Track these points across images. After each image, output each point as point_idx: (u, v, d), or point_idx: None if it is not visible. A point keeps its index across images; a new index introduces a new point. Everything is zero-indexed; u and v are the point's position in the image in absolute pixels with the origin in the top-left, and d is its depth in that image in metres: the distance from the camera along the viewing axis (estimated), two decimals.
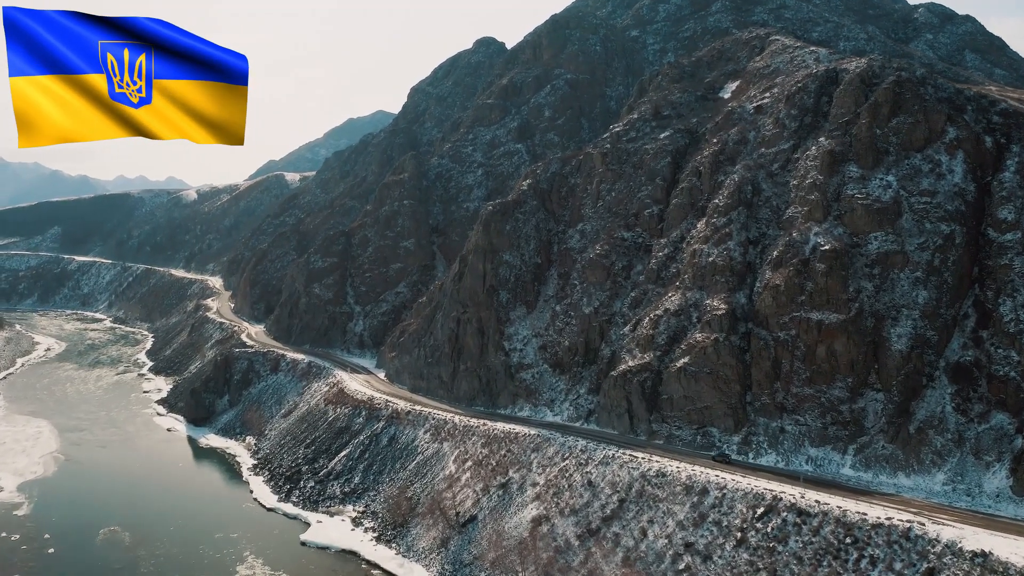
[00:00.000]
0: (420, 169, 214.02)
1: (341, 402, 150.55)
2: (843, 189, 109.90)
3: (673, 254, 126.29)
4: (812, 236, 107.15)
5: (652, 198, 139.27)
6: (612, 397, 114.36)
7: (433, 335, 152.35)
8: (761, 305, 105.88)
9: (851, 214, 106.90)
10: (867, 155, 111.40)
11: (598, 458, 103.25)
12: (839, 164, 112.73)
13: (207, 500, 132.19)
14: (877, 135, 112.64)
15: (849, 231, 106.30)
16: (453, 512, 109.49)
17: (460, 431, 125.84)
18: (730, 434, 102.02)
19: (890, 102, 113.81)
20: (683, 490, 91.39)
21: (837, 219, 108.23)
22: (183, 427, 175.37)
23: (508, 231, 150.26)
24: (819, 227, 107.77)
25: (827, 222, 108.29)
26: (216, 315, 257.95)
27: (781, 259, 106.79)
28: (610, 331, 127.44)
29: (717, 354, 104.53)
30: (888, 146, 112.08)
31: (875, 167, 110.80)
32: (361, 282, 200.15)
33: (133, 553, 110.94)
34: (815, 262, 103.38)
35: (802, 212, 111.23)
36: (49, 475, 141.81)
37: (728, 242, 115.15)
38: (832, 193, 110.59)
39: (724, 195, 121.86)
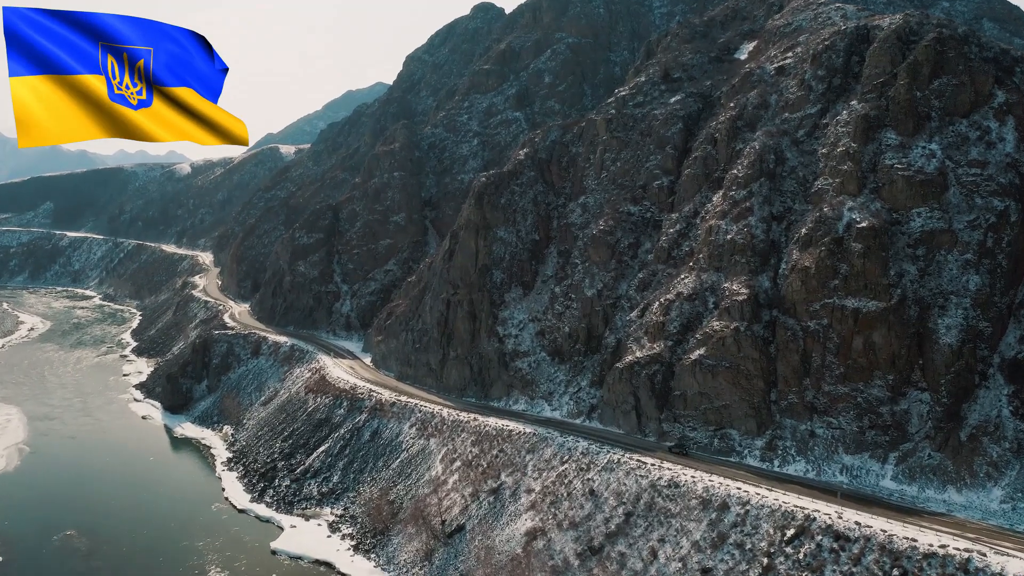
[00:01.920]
0: (412, 139, 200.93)
1: (322, 391, 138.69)
2: (880, 159, 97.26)
3: (686, 231, 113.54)
4: (846, 211, 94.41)
5: (662, 168, 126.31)
6: (617, 392, 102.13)
7: (421, 318, 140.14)
8: (788, 290, 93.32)
9: (890, 187, 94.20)
10: (906, 120, 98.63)
11: (601, 463, 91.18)
12: (875, 130, 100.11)
13: (175, 499, 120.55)
14: (917, 98, 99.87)
15: (888, 206, 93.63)
16: (439, 520, 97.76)
17: (448, 426, 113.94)
18: (752, 437, 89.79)
19: (931, 62, 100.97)
20: (699, 504, 79.32)
21: (874, 192, 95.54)
22: (159, 414, 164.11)
23: (503, 205, 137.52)
24: (853, 201, 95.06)
25: (863, 196, 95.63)
26: (202, 293, 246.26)
27: (810, 237, 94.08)
28: (615, 316, 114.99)
29: (738, 345, 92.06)
30: (930, 110, 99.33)
31: (916, 134, 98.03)
32: (349, 259, 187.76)
33: (87, 563, 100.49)
34: (850, 241, 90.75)
35: (833, 184, 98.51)
36: (10, 470, 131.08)
37: (749, 217, 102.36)
38: (867, 163, 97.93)
39: (743, 165, 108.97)
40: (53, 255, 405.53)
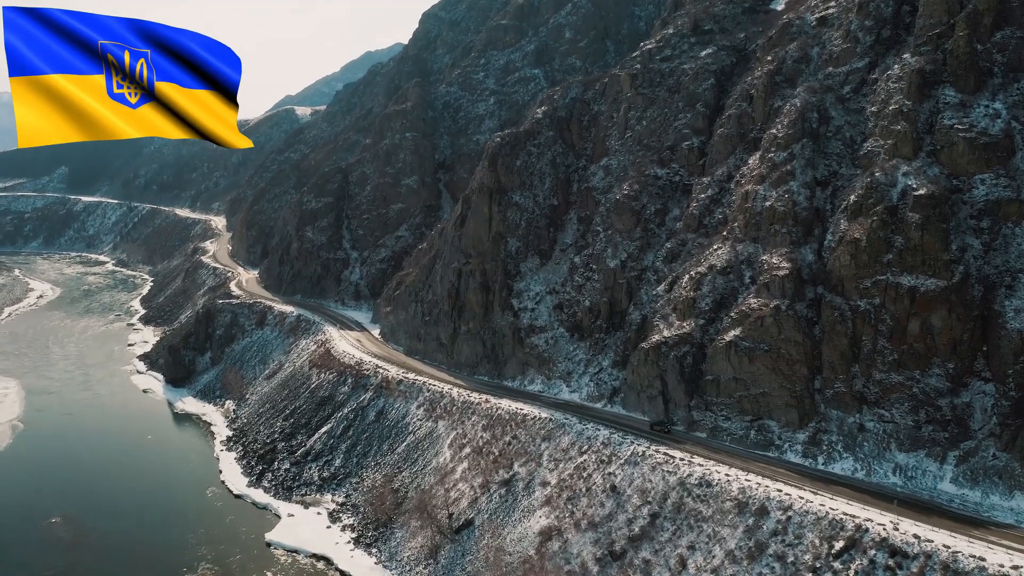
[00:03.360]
0: (425, 98, 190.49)
1: (326, 366, 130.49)
2: (938, 118, 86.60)
3: (718, 196, 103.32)
4: (900, 177, 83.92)
5: (691, 128, 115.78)
6: (642, 374, 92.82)
7: (431, 289, 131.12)
8: (835, 264, 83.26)
9: (950, 150, 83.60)
10: (966, 76, 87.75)
11: (624, 455, 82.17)
12: (931, 87, 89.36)
13: (170, 483, 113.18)
14: (978, 51, 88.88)
15: (948, 171, 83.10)
16: (445, 514, 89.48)
17: (459, 408, 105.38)
18: (793, 430, 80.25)
19: (992, 11, 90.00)
20: (734, 507, 70.24)
21: (931, 156, 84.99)
22: (161, 388, 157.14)
23: (519, 167, 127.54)
24: (908, 166, 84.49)
25: (919, 159, 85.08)
26: (211, 259, 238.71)
27: (860, 206, 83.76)
28: (640, 290, 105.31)
29: (778, 326, 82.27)
30: (992, 65, 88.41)
31: (977, 91, 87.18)
32: (358, 225, 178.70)
33: (68, 555, 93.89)
34: (906, 211, 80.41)
35: (885, 146, 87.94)
36: (1, 449, 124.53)
37: (790, 182, 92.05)
38: (923, 123, 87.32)
39: (783, 124, 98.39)
40: (67, 220, 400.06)
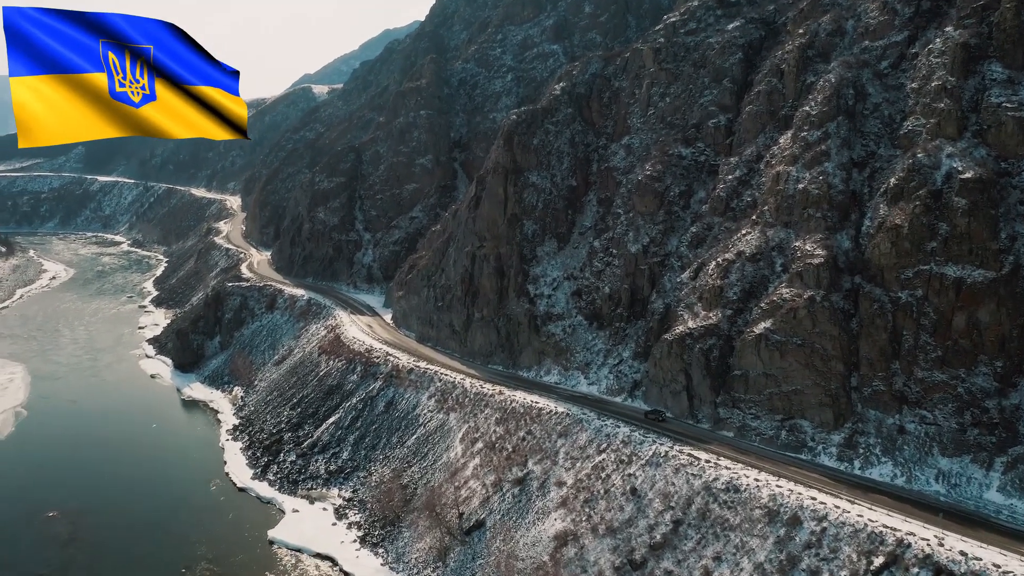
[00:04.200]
0: (441, 75, 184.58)
1: (335, 353, 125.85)
2: (984, 96, 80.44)
3: (747, 177, 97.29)
4: (944, 159, 77.69)
5: (718, 105, 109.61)
6: (665, 368, 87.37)
7: (444, 273, 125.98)
8: (874, 253, 77.30)
9: (998, 130, 77.46)
10: (1014, 51, 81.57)
11: (645, 455, 76.92)
12: (976, 62, 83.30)
13: (173, 475, 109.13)
14: None
15: (995, 153, 76.96)
16: (455, 513, 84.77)
17: (471, 400, 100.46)
18: (827, 431, 74.61)
19: None
20: (764, 516, 64.92)
21: (978, 136, 78.76)
22: (169, 373, 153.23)
23: (536, 146, 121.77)
24: (953, 147, 78.24)
25: (964, 140, 78.90)
26: (224, 240, 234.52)
27: (902, 189, 77.63)
28: (663, 277, 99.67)
29: (812, 319, 76.49)
30: None
31: None
32: (371, 205, 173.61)
33: (65, 551, 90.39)
34: (951, 195, 74.29)
35: (927, 125, 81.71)
36: (2, 437, 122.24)
37: (824, 163, 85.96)
38: (968, 101, 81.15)
39: (817, 101, 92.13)
40: (84, 200, 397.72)
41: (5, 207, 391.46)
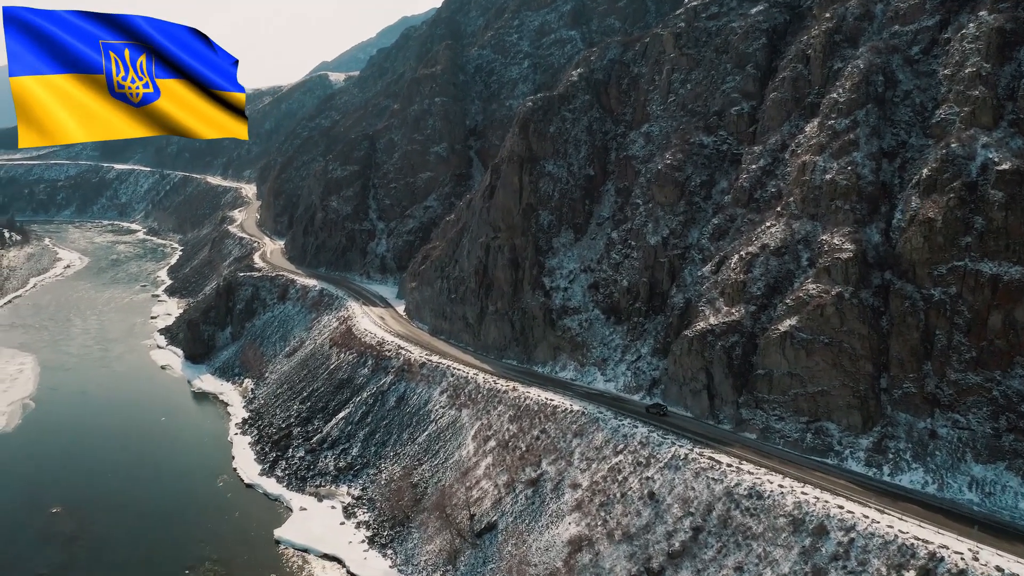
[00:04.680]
0: (456, 61, 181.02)
1: (346, 345, 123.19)
2: (1021, 83, 76.76)
3: (771, 167, 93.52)
4: (979, 149, 73.92)
5: (741, 91, 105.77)
6: (685, 365, 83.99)
7: (458, 264, 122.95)
8: (905, 247, 73.57)
9: None
10: None
11: (664, 458, 73.72)
12: (1012, 48, 79.86)
13: (180, 470, 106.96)
14: None
15: None
16: (467, 515, 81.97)
17: (484, 396, 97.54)
18: (855, 434, 71.04)
19: None
20: (789, 524, 61.64)
21: (1014, 126, 75.12)
22: (180, 364, 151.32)
23: (552, 134, 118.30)
24: (988, 136, 74.48)
25: (999, 129, 75.26)
26: (238, 229, 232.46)
27: (935, 181, 73.82)
28: (684, 270, 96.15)
29: (840, 316, 72.88)
30: None
31: None
32: (385, 194, 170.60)
33: (67, 549, 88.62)
34: (987, 187, 70.51)
35: (961, 114, 77.89)
36: (9, 430, 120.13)
37: (853, 153, 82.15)
38: (1004, 88, 77.62)
39: (845, 88, 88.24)
40: (100, 188, 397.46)
41: (22, 195, 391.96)
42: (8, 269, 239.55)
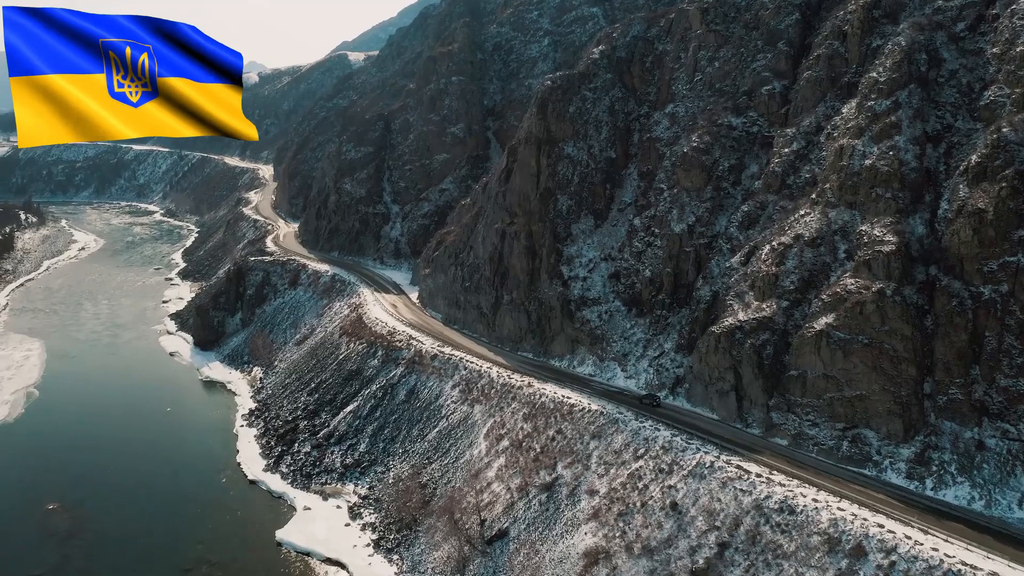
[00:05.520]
0: (474, 39, 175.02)
1: (357, 334, 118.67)
2: None
3: (805, 151, 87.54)
4: None
5: (772, 70, 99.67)
6: (712, 363, 78.56)
7: (473, 251, 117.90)
8: (953, 241, 67.70)
9: None
10: None
11: (688, 465, 68.59)
12: None
13: (182, 464, 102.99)
14: None
15: None
16: (477, 520, 77.34)
17: (497, 391, 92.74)
18: (896, 443, 65.44)
19: None
20: (823, 543, 56.40)
21: None
22: (188, 351, 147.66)
23: (572, 114, 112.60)
24: None
25: None
26: (253, 211, 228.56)
27: (984, 168, 67.83)
28: (711, 261, 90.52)
29: (881, 315, 67.18)
30: None
31: None
32: (400, 177, 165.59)
33: (62, 548, 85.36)
34: None
35: (1012, 96, 71.94)
36: (11, 420, 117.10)
37: (895, 136, 76.08)
38: None
39: (885, 66, 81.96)
40: (118, 169, 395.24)
41: (40, 176, 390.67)
42: (22, 251, 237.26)
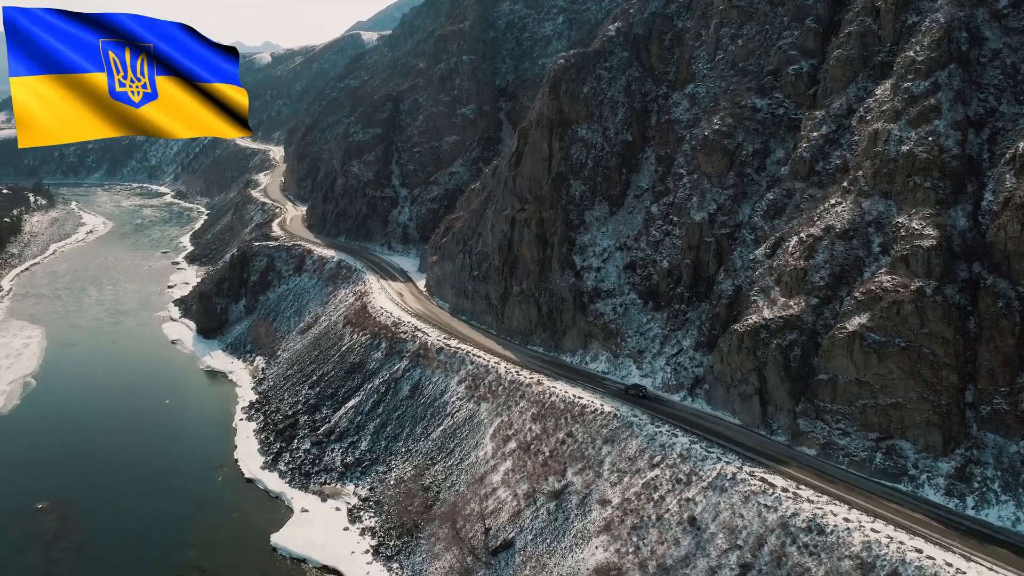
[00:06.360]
0: (486, 17, 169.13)
1: (360, 325, 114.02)
2: None
3: (835, 136, 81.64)
4: None
5: (800, 48, 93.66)
6: (734, 364, 73.22)
7: (481, 238, 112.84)
8: (999, 236, 61.99)
9: None
10: None
11: (708, 476, 63.53)
12: None
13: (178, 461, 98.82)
14: None
15: None
16: (481, 528, 72.71)
17: (505, 389, 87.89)
18: (934, 457, 59.98)
19: None
20: (855, 568, 51.33)
21: None
22: (191, 339, 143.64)
23: (586, 95, 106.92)
24: None
25: None
26: (261, 194, 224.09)
27: None
28: (733, 252, 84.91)
29: (920, 316, 61.62)
30: None
31: None
32: (409, 159, 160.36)
33: (49, 551, 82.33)
34: None
35: None
36: (5, 412, 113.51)
37: (934, 120, 70.19)
38: None
39: (923, 45, 75.92)
40: (130, 150, 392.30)
41: (52, 158, 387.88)
42: (30, 235, 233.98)
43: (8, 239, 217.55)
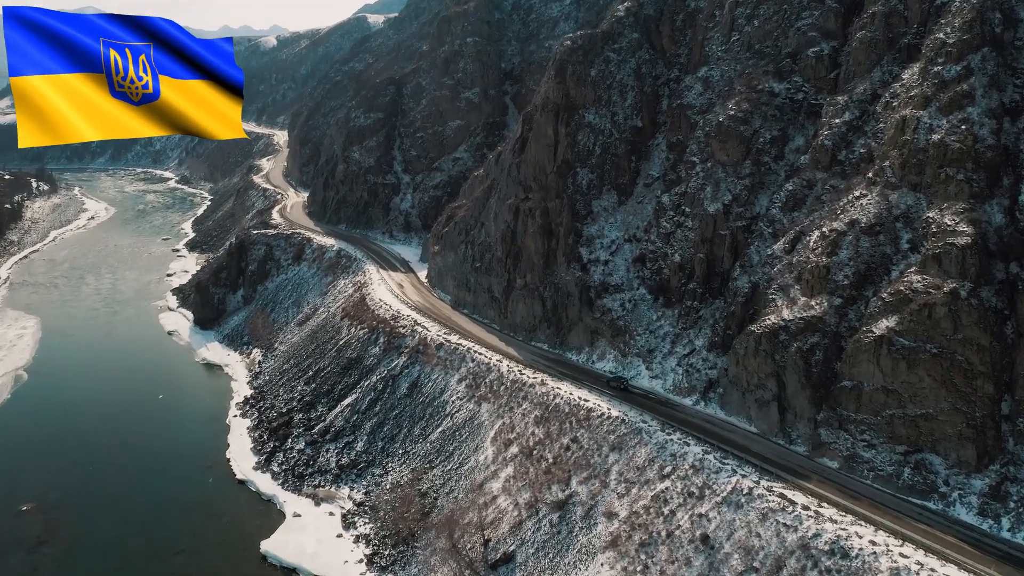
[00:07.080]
0: None
1: (358, 318, 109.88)
2: None
3: (859, 123, 76.58)
4: None
5: (820, 30, 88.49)
6: (751, 368, 68.62)
7: (484, 228, 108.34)
8: None
9: None
10: None
11: (722, 490, 59.15)
12: None
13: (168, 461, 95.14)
14: None
15: None
16: (480, 539, 68.69)
17: (508, 389, 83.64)
18: (967, 473, 55.34)
19: None
20: None
21: None
22: (187, 330, 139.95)
23: (594, 78, 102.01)
24: None
25: None
26: (263, 180, 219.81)
27: None
28: (749, 246, 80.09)
29: (953, 320, 56.86)
30: None
31: None
32: (411, 145, 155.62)
33: (32, 556, 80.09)
34: None
35: None
36: None
37: (967, 108, 65.24)
38: None
39: (954, 26, 70.81)
40: None
41: None
42: (31, 221, 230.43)
43: (8, 226, 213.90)
